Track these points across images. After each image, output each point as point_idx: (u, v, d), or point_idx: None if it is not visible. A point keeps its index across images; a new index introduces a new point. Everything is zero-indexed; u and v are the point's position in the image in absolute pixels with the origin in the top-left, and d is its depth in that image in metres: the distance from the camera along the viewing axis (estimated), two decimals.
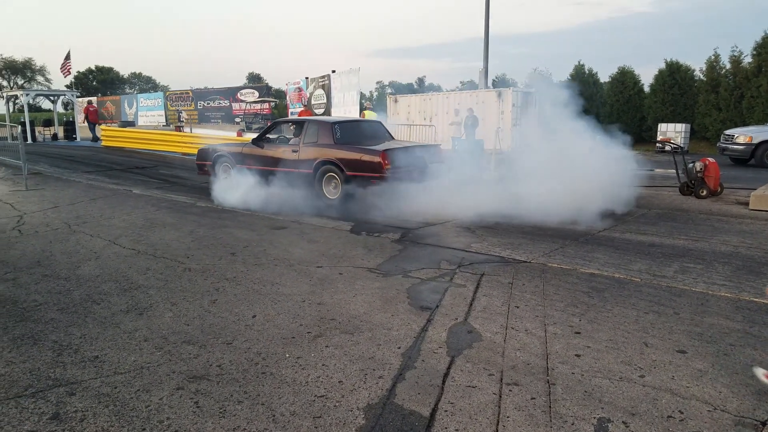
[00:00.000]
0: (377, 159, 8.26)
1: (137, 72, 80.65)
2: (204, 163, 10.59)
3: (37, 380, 3.12)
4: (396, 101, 25.90)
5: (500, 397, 2.95)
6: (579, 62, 25.83)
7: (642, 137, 23.24)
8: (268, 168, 9.46)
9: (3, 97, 36.26)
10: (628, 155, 9.79)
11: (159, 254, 5.81)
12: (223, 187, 9.63)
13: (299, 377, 3.17)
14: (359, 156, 8.50)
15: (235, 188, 9.45)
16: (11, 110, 27.85)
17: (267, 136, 10.05)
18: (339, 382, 3.11)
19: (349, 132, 9.24)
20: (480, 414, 2.78)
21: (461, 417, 2.75)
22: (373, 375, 3.19)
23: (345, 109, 22.69)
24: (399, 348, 3.55)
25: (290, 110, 28.74)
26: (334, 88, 24.85)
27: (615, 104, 24.16)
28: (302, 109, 26.68)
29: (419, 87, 66.17)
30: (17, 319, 4.01)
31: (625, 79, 24.46)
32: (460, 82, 69.14)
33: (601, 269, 5.36)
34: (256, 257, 5.73)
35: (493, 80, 51.59)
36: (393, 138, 10.30)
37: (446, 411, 2.81)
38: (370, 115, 19.21)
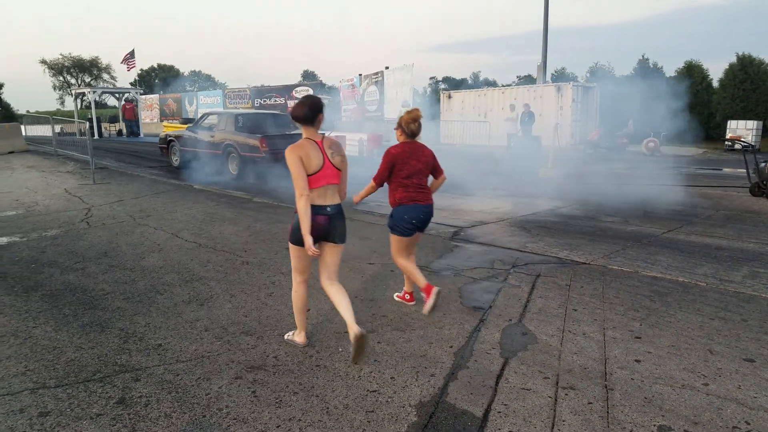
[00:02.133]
0: (257, 142, 10.99)
1: (197, 70, 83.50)
2: (162, 146, 14.25)
3: (104, 366, 3.30)
4: (449, 97, 25.72)
5: (555, 400, 2.90)
6: (643, 56, 24.88)
7: (710, 135, 22.15)
8: (197, 149, 12.65)
9: (72, 94, 38.37)
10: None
11: (219, 247, 6.02)
12: (172, 162, 13.72)
13: (352, 371, 3.22)
14: (246, 140, 11.30)
15: (178, 164, 13.37)
16: (79, 107, 29.61)
17: (200, 123, 13.06)
18: (391, 378, 3.14)
19: (250, 122, 11.91)
20: (534, 417, 2.74)
21: (515, 419, 2.73)
22: (425, 373, 3.20)
23: (398, 105, 22.69)
24: (451, 347, 3.55)
25: (343, 107, 29.02)
26: (387, 84, 24.89)
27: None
28: (354, 106, 26.90)
29: (474, 82, 65.35)
30: (86, 307, 4.26)
31: (692, 73, 23.36)
32: (517, 77, 67.82)
33: (665, 272, 5.16)
34: None
35: (552, 74, 50.37)
36: (295, 128, 12.50)
37: (499, 412, 2.78)
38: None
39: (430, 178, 4.17)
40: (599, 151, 19.12)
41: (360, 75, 27.59)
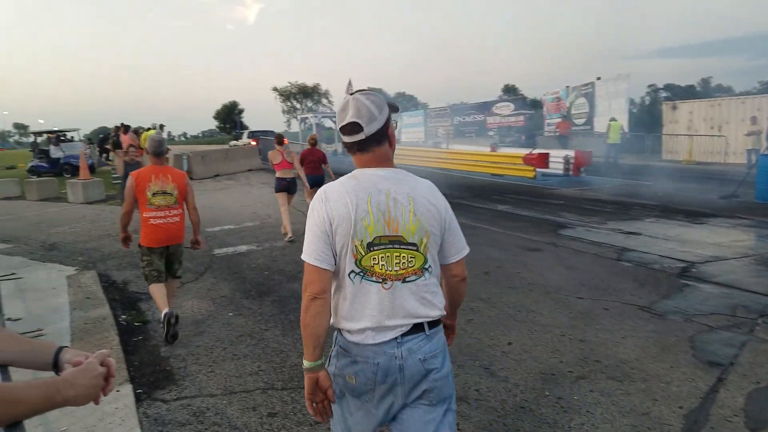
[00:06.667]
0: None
1: (401, 91, 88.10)
2: None
3: None
4: (674, 108, 23.01)
5: None
6: None
7: None
8: None
9: (297, 118, 43.54)
10: None
11: None
12: None
13: (561, 420, 2.94)
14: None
15: None
16: (302, 129, 33.91)
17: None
18: None
19: None
20: None
21: None
22: None
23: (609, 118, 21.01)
24: (680, 408, 3.04)
25: (546, 121, 27.90)
26: (599, 96, 23.22)
27: None
28: (560, 120, 25.65)
29: (703, 89, 57.35)
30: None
31: None
32: (759, 83, 57.68)
33: None
34: (509, 279, 5.62)
35: None
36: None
37: None
38: (615, 126, 17.88)
39: None
40: None
41: (567, 87, 26.29)
